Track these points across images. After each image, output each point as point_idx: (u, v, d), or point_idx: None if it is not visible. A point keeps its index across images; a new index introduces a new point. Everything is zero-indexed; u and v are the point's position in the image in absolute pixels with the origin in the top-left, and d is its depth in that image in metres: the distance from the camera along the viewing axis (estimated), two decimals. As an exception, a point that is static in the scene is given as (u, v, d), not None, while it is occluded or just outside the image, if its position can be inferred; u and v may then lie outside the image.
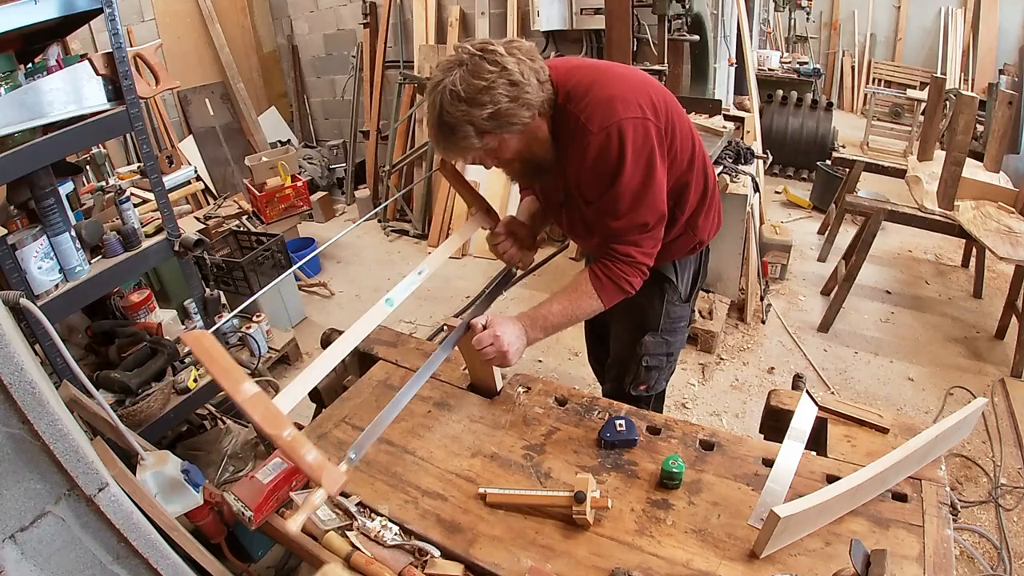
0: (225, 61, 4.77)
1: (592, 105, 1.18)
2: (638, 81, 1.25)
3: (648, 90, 1.24)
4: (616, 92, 1.19)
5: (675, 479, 1.13)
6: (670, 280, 1.54)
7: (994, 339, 2.89)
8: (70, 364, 1.22)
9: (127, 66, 1.40)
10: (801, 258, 3.76)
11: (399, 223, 4.61)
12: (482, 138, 1.14)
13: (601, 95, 1.18)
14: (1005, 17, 6.09)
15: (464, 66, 1.10)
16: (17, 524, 0.82)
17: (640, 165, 1.20)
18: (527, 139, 1.21)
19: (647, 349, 1.60)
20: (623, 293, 1.31)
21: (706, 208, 1.46)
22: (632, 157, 1.18)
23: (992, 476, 2.13)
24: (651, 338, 1.59)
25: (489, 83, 1.08)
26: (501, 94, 1.10)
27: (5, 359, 0.78)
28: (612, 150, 1.17)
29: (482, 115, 1.10)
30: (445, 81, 1.10)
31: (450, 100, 1.09)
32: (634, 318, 1.60)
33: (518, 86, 1.11)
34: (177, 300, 2.70)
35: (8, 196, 1.43)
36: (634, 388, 1.67)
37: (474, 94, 1.08)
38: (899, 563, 0.96)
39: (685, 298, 1.59)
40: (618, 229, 1.27)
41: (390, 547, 1.05)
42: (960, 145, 2.71)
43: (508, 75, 1.10)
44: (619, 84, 1.21)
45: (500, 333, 1.21)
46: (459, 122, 1.10)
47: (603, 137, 1.17)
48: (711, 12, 3.44)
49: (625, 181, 1.20)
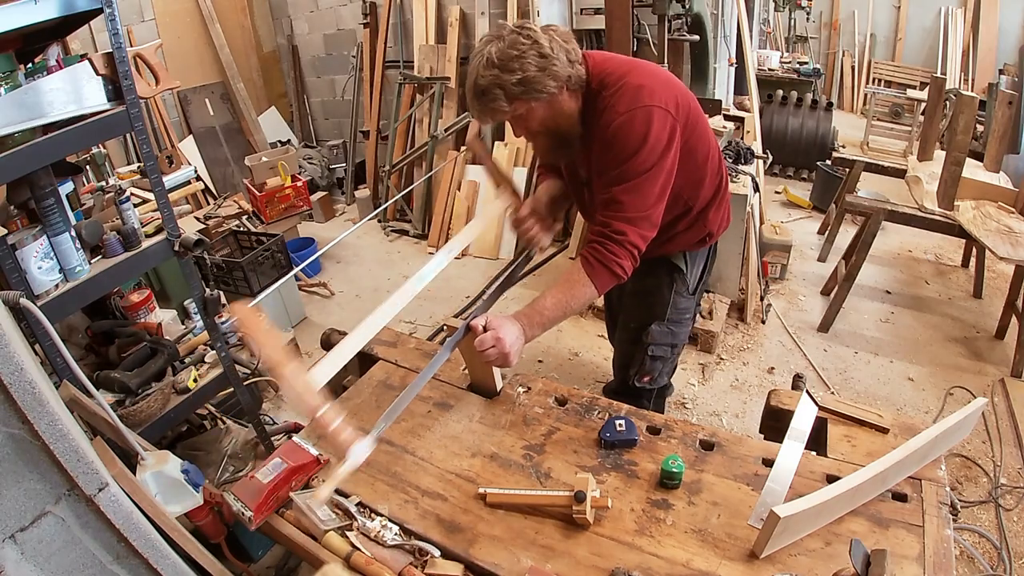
0: (225, 61, 4.77)
1: (623, 90, 1.29)
2: (665, 79, 1.36)
3: (674, 90, 1.34)
4: (646, 83, 1.30)
5: (675, 479, 1.13)
6: (680, 269, 1.62)
7: (994, 339, 2.89)
8: (70, 364, 1.22)
9: (127, 66, 1.40)
10: (801, 258, 3.76)
11: (399, 223, 4.61)
12: (511, 103, 1.25)
13: (632, 83, 1.29)
14: (1005, 17, 6.09)
15: (502, 39, 1.23)
16: (17, 524, 0.82)
17: (656, 151, 1.28)
18: (554, 111, 1.30)
19: (653, 338, 1.66)
20: (615, 278, 1.32)
21: (717, 203, 1.57)
22: (651, 141, 1.27)
23: (992, 476, 2.13)
24: (658, 327, 1.65)
25: (520, 53, 1.21)
26: (530, 63, 1.21)
27: (5, 359, 0.78)
28: (635, 129, 1.26)
29: (511, 80, 1.21)
30: (483, 51, 1.23)
31: (485, 65, 1.22)
32: (642, 305, 1.66)
33: (546, 58, 1.22)
34: (177, 300, 2.70)
35: (8, 196, 1.43)
36: (638, 379, 1.72)
37: (506, 61, 1.21)
38: (899, 563, 0.96)
39: (692, 291, 1.66)
40: (619, 199, 1.31)
41: (390, 547, 1.05)
42: (960, 145, 2.71)
43: (539, 48, 1.22)
44: (649, 78, 1.32)
45: (502, 335, 1.23)
46: (490, 85, 1.22)
47: (628, 117, 1.27)
48: (711, 12, 3.44)
49: (640, 159, 1.27)
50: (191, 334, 2.02)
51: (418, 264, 1.37)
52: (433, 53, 4.22)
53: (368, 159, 4.87)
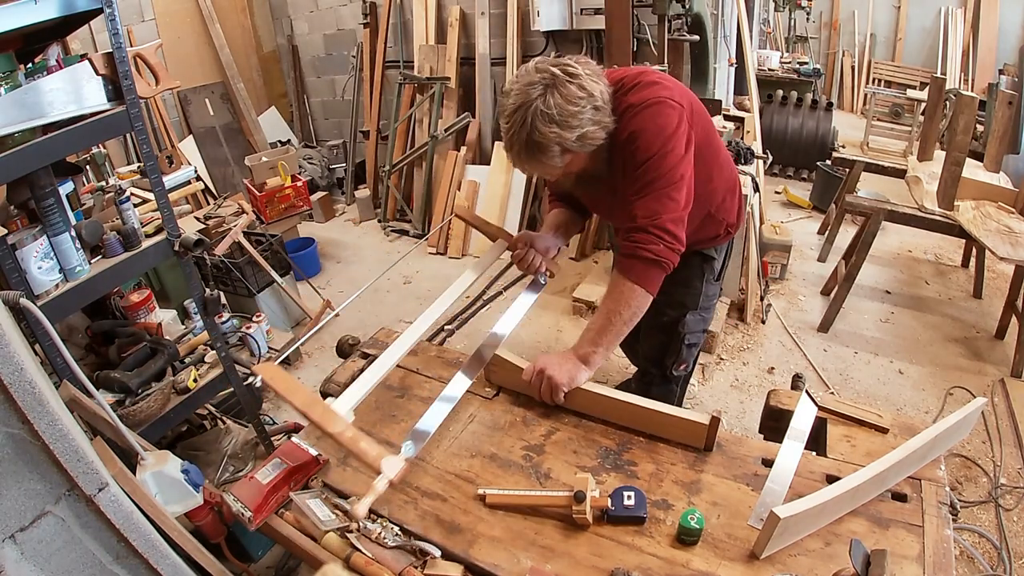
0: (225, 61, 4.77)
1: (641, 87, 1.31)
2: (674, 82, 1.40)
3: (685, 91, 1.38)
4: (658, 80, 1.33)
5: (693, 536, 1.01)
6: (711, 258, 1.68)
7: (994, 339, 2.89)
8: (70, 364, 1.22)
9: (127, 66, 1.40)
10: (801, 258, 3.76)
11: (399, 223, 4.61)
12: (563, 156, 1.25)
13: (647, 80, 1.32)
14: (1005, 17, 6.09)
15: (554, 88, 1.18)
16: (17, 524, 0.82)
17: (681, 141, 1.30)
18: (594, 154, 1.31)
19: (689, 327, 1.71)
20: (662, 270, 1.32)
21: (730, 195, 1.63)
22: (675, 135, 1.28)
23: (992, 476, 2.13)
24: (692, 316, 1.70)
25: (580, 109, 1.19)
26: (587, 118, 1.21)
27: (5, 359, 0.78)
28: (660, 120, 1.28)
29: (571, 137, 1.20)
30: (536, 102, 1.18)
31: (543, 121, 1.18)
32: (676, 297, 1.68)
33: (600, 111, 1.23)
34: (177, 300, 2.70)
35: (8, 196, 1.43)
36: (675, 368, 1.79)
37: (566, 118, 1.18)
38: (899, 563, 0.96)
39: (717, 277, 1.75)
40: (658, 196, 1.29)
41: (392, 548, 1.05)
42: (960, 145, 2.71)
43: (593, 101, 1.21)
44: (661, 78, 1.35)
45: (542, 367, 1.29)
46: (550, 143, 1.20)
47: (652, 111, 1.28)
48: (711, 12, 3.44)
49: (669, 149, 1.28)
50: (191, 334, 2.02)
51: (418, 264, 1.38)
52: (433, 53, 4.22)
53: (368, 159, 4.87)
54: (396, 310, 3.43)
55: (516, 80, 1.24)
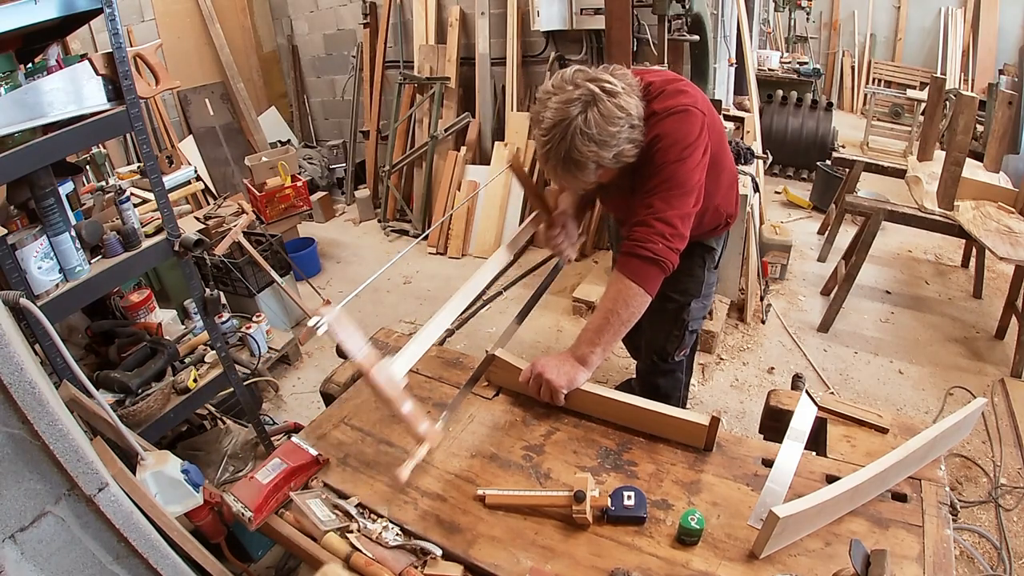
0: (225, 61, 4.77)
1: (667, 95, 1.33)
2: (696, 89, 1.42)
3: (706, 99, 1.41)
4: (685, 89, 1.36)
5: (694, 536, 1.02)
6: (712, 248, 1.73)
7: (994, 339, 2.89)
8: (70, 364, 1.22)
9: (127, 66, 1.40)
10: (801, 258, 3.76)
11: (399, 223, 4.61)
12: (598, 171, 1.27)
13: (674, 88, 1.35)
14: (1005, 17, 6.09)
15: (594, 106, 1.19)
16: (17, 524, 0.82)
17: (700, 150, 1.32)
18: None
19: (692, 315, 1.78)
20: (660, 270, 1.32)
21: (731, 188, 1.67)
22: (696, 143, 1.31)
23: (992, 476, 2.13)
24: (696, 304, 1.77)
25: (619, 129, 1.21)
26: (624, 137, 1.23)
27: (5, 359, 0.78)
28: (683, 127, 1.30)
29: (608, 156, 1.23)
30: (576, 120, 1.19)
31: (582, 140, 1.20)
32: (680, 288, 1.72)
33: (635, 128, 1.25)
34: (177, 300, 2.70)
35: (8, 196, 1.43)
36: (678, 354, 1.87)
37: (605, 138, 1.20)
38: (899, 563, 0.96)
39: (716, 266, 1.80)
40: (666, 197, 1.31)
41: (392, 548, 1.05)
42: (960, 145, 2.71)
43: (631, 120, 1.23)
44: (687, 86, 1.38)
45: (540, 370, 1.30)
46: (587, 160, 1.22)
47: (678, 118, 1.30)
48: (711, 12, 3.44)
49: (687, 156, 1.30)
50: (191, 334, 2.02)
51: (418, 264, 1.39)
52: (433, 53, 4.22)
53: (368, 159, 4.87)
54: (396, 310, 3.42)
55: (552, 92, 1.23)
